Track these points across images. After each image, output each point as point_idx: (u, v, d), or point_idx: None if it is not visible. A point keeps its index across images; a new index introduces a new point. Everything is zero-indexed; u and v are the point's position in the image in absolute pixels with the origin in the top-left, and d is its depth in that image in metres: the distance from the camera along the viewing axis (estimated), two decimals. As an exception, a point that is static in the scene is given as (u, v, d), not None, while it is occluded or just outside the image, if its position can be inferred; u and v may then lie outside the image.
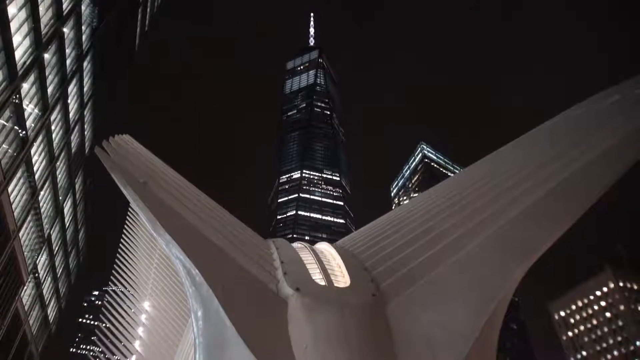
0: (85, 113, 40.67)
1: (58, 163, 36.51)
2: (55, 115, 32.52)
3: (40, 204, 34.79)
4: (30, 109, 28.24)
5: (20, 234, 31.45)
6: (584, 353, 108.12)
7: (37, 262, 38.16)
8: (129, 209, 51.78)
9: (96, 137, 45.10)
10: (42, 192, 34.35)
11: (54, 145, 33.96)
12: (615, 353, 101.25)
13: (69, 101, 34.74)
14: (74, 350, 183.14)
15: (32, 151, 29.92)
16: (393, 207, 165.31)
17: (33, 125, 28.95)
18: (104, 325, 47.82)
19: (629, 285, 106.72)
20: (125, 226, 52.16)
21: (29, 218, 32.52)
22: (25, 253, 33.81)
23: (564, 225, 19.38)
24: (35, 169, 31.34)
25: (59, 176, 38.18)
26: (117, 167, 19.90)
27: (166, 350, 40.65)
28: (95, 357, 49.74)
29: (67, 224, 45.26)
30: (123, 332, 45.48)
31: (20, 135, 27.48)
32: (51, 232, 39.69)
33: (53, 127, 32.76)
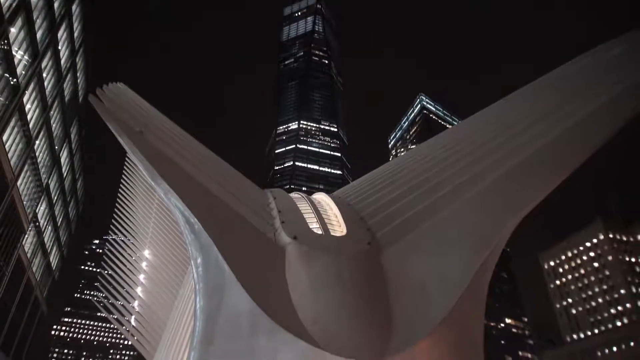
0: (77, 60, 39.64)
1: (52, 112, 36.02)
2: (46, 62, 31.72)
3: (37, 153, 34.67)
4: (20, 56, 27.50)
5: (18, 183, 31.55)
6: (570, 300, 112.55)
7: (37, 211, 38.54)
8: (126, 158, 51.70)
9: (89, 85, 44.24)
10: (37, 142, 34.13)
11: (47, 93, 33.37)
12: (600, 300, 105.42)
13: (59, 47, 33.75)
14: (78, 295, 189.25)
15: (25, 99, 29.44)
16: (390, 159, 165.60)
17: (24, 72, 28.30)
18: (105, 272, 48.99)
19: (618, 237, 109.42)
20: (123, 175, 52.25)
21: (25, 167, 32.51)
22: (25, 202, 34.07)
23: (558, 178, 19.54)
24: (29, 117, 30.96)
25: (54, 125, 37.79)
26: (112, 115, 19.62)
27: (167, 295, 41.93)
28: (99, 302, 51.30)
29: (65, 174, 45.33)
30: (125, 279, 46.71)
31: (12, 83, 26.92)
32: (49, 181, 39.81)
33: (45, 75, 32.05)
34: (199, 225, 16.49)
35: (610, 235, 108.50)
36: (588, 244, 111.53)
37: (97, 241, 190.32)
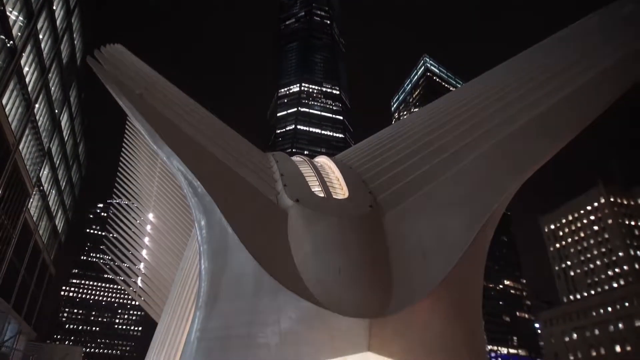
0: (73, 21, 38.75)
1: (50, 74, 35.56)
2: (41, 23, 31.04)
3: (37, 117, 34.48)
4: (14, 16, 26.88)
5: (20, 147, 31.54)
6: (568, 262, 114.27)
7: (40, 175, 38.72)
8: (127, 121, 51.47)
9: (87, 48, 43.43)
10: (37, 105, 33.88)
11: (44, 55, 32.84)
12: (598, 262, 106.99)
13: (54, 7, 32.93)
14: (84, 258, 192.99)
15: (22, 62, 29.00)
16: (393, 122, 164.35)
17: (20, 34, 27.75)
18: (111, 235, 49.78)
19: (619, 201, 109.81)
20: (125, 139, 52.18)
21: (26, 132, 32.40)
22: (28, 166, 34.18)
23: (561, 142, 19.41)
24: (27, 80, 30.61)
25: (53, 88, 37.40)
26: (112, 78, 19.36)
27: (172, 257, 42.75)
28: (105, 264, 52.38)
29: (66, 138, 45.24)
30: (130, 242, 47.53)
31: (8, 45, 26.44)
32: (51, 145, 39.78)
33: (41, 37, 31.44)
34: (202, 188, 16.57)
35: (611, 199, 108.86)
36: (589, 208, 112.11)
37: (101, 205, 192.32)
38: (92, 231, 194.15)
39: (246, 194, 17.60)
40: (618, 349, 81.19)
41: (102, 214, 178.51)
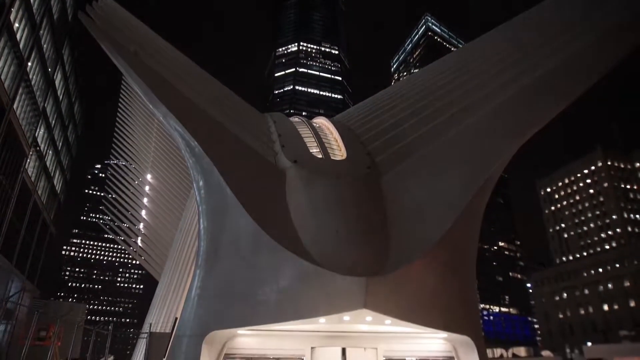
0: (62, -26, 37.33)
1: (41, 31, 34.61)
2: (30, -24, 29.93)
3: (30, 76, 33.82)
4: (2, -31, 25.86)
5: (15, 107, 31.11)
6: (563, 225, 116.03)
7: (37, 135, 38.40)
8: (122, 81, 50.60)
9: (78, 3, 42.07)
10: (29, 63, 33.16)
11: (34, 10, 31.85)
12: (592, 225, 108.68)
13: (42, -40, 31.66)
14: (84, 218, 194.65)
15: (12, 18, 28.15)
16: (393, 83, 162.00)
17: (8, -13, 26.78)
18: (110, 196, 49.99)
19: (616, 164, 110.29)
20: (120, 99, 51.48)
21: (20, 90, 31.85)
22: (23, 126, 33.83)
23: (560, 105, 19.25)
24: (18, 37, 29.81)
25: (45, 46, 36.50)
26: (105, 34, 18.83)
27: (171, 217, 43.14)
28: (105, 224, 52.88)
29: (61, 97, 44.56)
30: (129, 202, 47.81)
31: (-4, -1, 25.59)
32: (45, 104, 39.22)
33: (30, -10, 30.39)
34: (199, 148, 16.49)
35: (609, 163, 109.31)
36: (586, 171, 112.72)
37: (99, 166, 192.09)
38: (91, 192, 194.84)
39: (244, 155, 17.56)
40: (606, 307, 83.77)
41: (100, 174, 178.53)
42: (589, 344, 70.49)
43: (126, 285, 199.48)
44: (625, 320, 77.11)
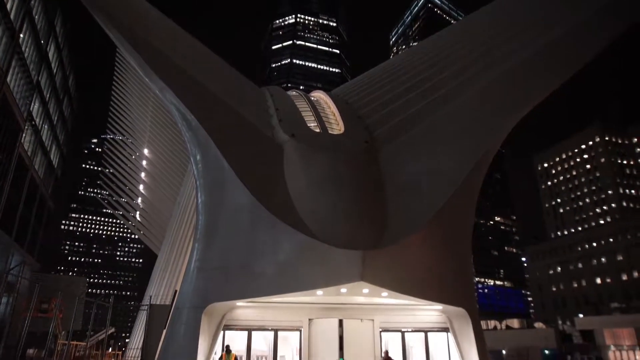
0: (52, -58, 36.22)
1: (32, 1, 33.84)
2: (18, -56, 29.03)
3: (23, 48, 33.21)
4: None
5: (8, 80, 30.67)
6: (558, 200, 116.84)
7: (31, 109, 37.99)
8: (116, 54, 49.82)
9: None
10: (22, 35, 32.51)
11: (24, -20, 31.06)
12: (587, 200, 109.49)
13: None
14: (82, 193, 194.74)
15: (1, -13, 27.46)
16: (391, 57, 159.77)
17: (-4, -45, 26.01)
18: (107, 170, 49.92)
19: (614, 140, 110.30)
20: (115, 72, 50.78)
21: (13, 63, 31.33)
22: (18, 100, 33.43)
23: (559, 80, 19.17)
24: (8, 8, 29.14)
25: (37, 17, 35.72)
26: (98, 5, 18.41)
27: (169, 192, 43.22)
28: (103, 199, 52.98)
29: (55, 70, 43.89)
30: (126, 177, 47.79)
31: (-15, -33, 24.87)
32: (39, 78, 38.67)
33: (19, -41, 29.52)
34: (195, 122, 16.40)
35: (606, 138, 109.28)
36: (583, 146, 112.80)
37: (95, 140, 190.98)
38: (88, 166, 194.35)
39: (241, 129, 17.47)
40: (598, 280, 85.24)
41: (97, 149, 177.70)
42: (581, 316, 72.09)
43: (126, 259, 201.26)
44: (616, 293, 78.65)
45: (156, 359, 16.51)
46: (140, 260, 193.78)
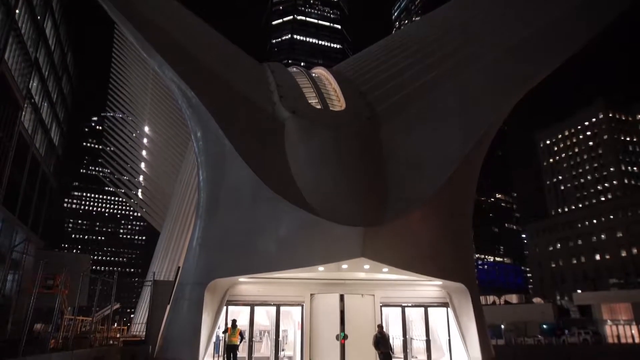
0: None
1: (28, -24, 33.20)
2: None
3: (20, 25, 32.74)
4: None
5: (6, 57, 30.34)
6: (560, 177, 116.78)
7: (30, 87, 37.69)
8: (115, 30, 49.14)
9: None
10: (17, 11, 32.00)
11: (18, -47, 30.38)
12: (589, 177, 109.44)
13: None
14: (84, 171, 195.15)
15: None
16: (393, 32, 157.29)
17: None
18: (108, 148, 49.87)
19: (617, 116, 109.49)
20: (114, 49, 50.20)
21: (10, 40, 30.93)
22: (16, 78, 33.14)
23: (562, 56, 18.89)
24: (3, -18, 28.60)
25: (32, -8, 35.10)
26: (94, -20, 18.08)
27: (170, 169, 43.27)
28: (105, 177, 53.11)
29: (53, 47, 43.36)
30: (127, 155, 47.77)
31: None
32: (37, 55, 38.23)
33: None
34: (195, 99, 16.28)
35: (610, 115, 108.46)
36: (587, 123, 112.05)
37: (95, 118, 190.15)
38: (89, 144, 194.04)
39: (242, 105, 17.36)
40: (597, 257, 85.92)
41: (98, 127, 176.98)
42: (579, 291, 72.97)
43: (129, 236, 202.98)
44: (615, 270, 79.38)
45: (161, 333, 16.83)
46: (143, 238, 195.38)
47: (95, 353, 15.41)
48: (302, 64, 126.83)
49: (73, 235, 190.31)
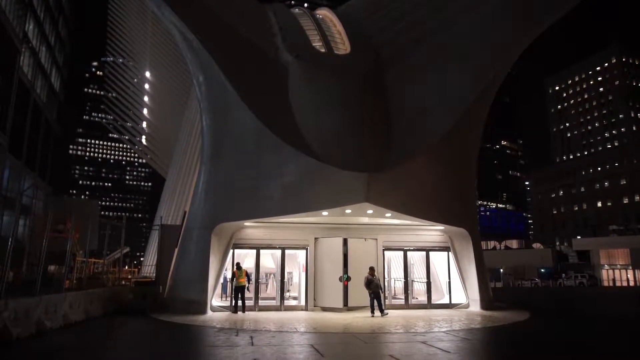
0: None
1: None
2: None
3: (10, -38, 31.38)
4: None
5: (-1, -2, 29.34)
6: (567, 124, 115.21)
7: (27, 30, 36.70)
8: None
9: None
10: (7, -53, 30.56)
11: None
12: (597, 124, 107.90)
13: None
14: (87, 118, 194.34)
15: None
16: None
17: None
18: (110, 94, 49.24)
19: (631, 61, 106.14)
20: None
21: (2, -22, 29.77)
22: (12, 21, 32.19)
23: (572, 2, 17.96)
24: None
25: None
26: None
27: (174, 115, 42.93)
28: (109, 124, 52.87)
29: (46, -13, 41.80)
30: (130, 101, 47.26)
31: None
32: (31, -5, 36.95)
33: None
34: (197, 42, 15.84)
35: (624, 59, 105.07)
36: (598, 68, 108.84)
37: (95, 63, 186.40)
38: (90, 90, 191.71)
39: (244, 49, 16.92)
40: (599, 204, 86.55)
41: (98, 72, 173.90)
42: (579, 237, 74.22)
43: (135, 182, 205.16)
44: (616, 216, 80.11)
45: (170, 274, 17.42)
46: (150, 184, 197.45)
47: (109, 292, 16.06)
48: (305, 5, 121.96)
49: (80, 182, 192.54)
